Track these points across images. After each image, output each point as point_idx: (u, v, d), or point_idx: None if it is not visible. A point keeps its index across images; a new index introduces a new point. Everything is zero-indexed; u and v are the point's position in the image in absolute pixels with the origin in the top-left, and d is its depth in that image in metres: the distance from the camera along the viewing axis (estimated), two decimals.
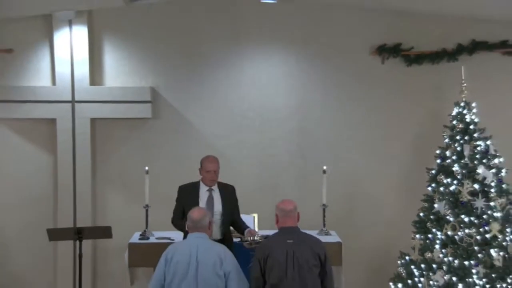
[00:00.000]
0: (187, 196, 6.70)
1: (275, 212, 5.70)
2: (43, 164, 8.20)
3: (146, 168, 7.46)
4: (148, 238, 7.27)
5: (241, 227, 6.70)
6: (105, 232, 7.03)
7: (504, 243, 6.82)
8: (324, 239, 6.23)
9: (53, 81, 8.13)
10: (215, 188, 6.74)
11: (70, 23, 8.02)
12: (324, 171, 7.52)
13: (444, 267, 6.84)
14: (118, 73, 8.27)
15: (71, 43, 8.04)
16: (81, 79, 8.07)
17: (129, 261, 7.15)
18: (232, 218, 6.75)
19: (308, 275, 5.45)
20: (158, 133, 8.27)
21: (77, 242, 6.98)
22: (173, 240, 6.84)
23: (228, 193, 6.79)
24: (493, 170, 7.02)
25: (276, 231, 5.85)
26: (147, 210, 7.41)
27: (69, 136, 8.04)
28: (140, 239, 7.27)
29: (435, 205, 7.11)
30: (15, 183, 8.16)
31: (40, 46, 8.15)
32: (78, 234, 6.92)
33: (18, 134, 8.19)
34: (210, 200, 6.68)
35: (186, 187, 6.81)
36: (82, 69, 8.07)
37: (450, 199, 7.02)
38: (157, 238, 7.26)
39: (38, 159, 8.20)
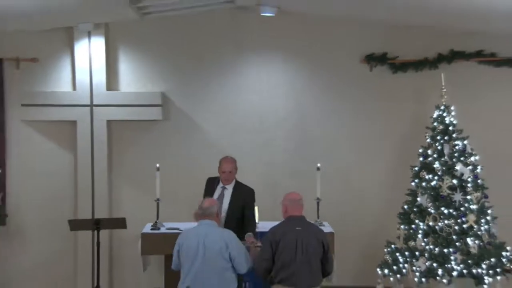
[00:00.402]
0: (208, 187, 6.73)
1: (283, 202, 5.76)
2: (65, 161, 8.20)
3: (157, 165, 7.42)
4: (159, 229, 7.25)
5: (245, 230, 6.48)
6: (120, 223, 7.03)
7: (479, 233, 6.97)
8: None
9: (74, 87, 8.15)
10: (229, 187, 6.69)
11: (89, 35, 8.06)
12: (318, 168, 7.50)
13: (426, 254, 6.93)
14: (132, 79, 8.29)
15: (90, 52, 8.09)
16: (98, 85, 8.09)
17: (142, 249, 7.14)
18: (240, 218, 6.60)
19: (313, 259, 5.56)
20: (167, 133, 8.28)
21: (95, 232, 7.00)
22: (181, 230, 6.47)
23: (240, 194, 6.67)
24: (470, 167, 7.12)
25: (275, 222, 5.90)
26: (158, 204, 7.39)
27: (88, 136, 8.09)
28: (151, 229, 7.25)
29: (418, 199, 7.18)
30: (40, 179, 8.13)
31: (62, 56, 8.17)
32: (96, 224, 6.93)
33: (43, 134, 8.18)
34: (221, 197, 6.67)
35: (211, 180, 6.81)
36: (100, 76, 8.09)
37: (432, 193, 7.12)
38: (167, 229, 7.22)
39: (60, 157, 8.19)
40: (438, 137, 7.26)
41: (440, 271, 6.83)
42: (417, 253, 7.00)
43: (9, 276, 7.98)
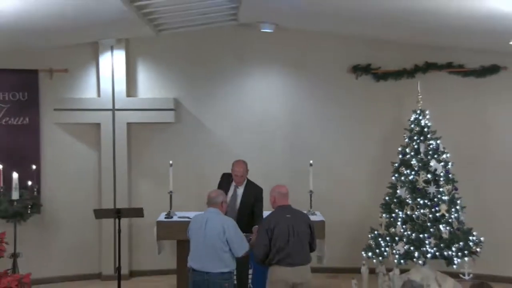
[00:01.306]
0: (223, 182, 6.67)
1: (272, 194, 5.74)
2: (91, 158, 8.26)
3: (170, 162, 7.45)
4: (171, 217, 7.27)
5: (253, 224, 6.33)
6: (138, 212, 6.95)
7: (450, 220, 7.02)
8: (310, 218, 6.05)
9: (98, 94, 8.22)
10: (241, 186, 6.62)
11: (112, 49, 8.15)
12: (311, 164, 7.56)
13: (404, 239, 6.99)
14: (149, 87, 8.37)
15: (112, 64, 8.18)
16: (120, 92, 8.18)
17: (157, 235, 7.17)
18: (250, 213, 6.52)
19: (304, 241, 5.61)
20: (179, 134, 8.36)
21: (117, 220, 6.86)
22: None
23: (251, 193, 6.59)
24: (442, 163, 7.15)
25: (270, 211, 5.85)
26: (171, 195, 7.43)
27: (110, 137, 8.19)
28: (165, 218, 7.28)
29: (398, 191, 7.22)
30: (69, 174, 8.19)
31: (89, 67, 8.25)
32: (117, 213, 6.80)
33: (72, 135, 8.25)
34: (234, 195, 6.63)
35: (225, 175, 6.71)
36: (121, 84, 8.18)
37: (409, 186, 7.16)
38: (179, 217, 7.25)
39: (87, 155, 8.26)
40: (415, 137, 7.32)
41: (416, 254, 6.92)
42: (396, 238, 7.07)
43: (42, 258, 8.00)
